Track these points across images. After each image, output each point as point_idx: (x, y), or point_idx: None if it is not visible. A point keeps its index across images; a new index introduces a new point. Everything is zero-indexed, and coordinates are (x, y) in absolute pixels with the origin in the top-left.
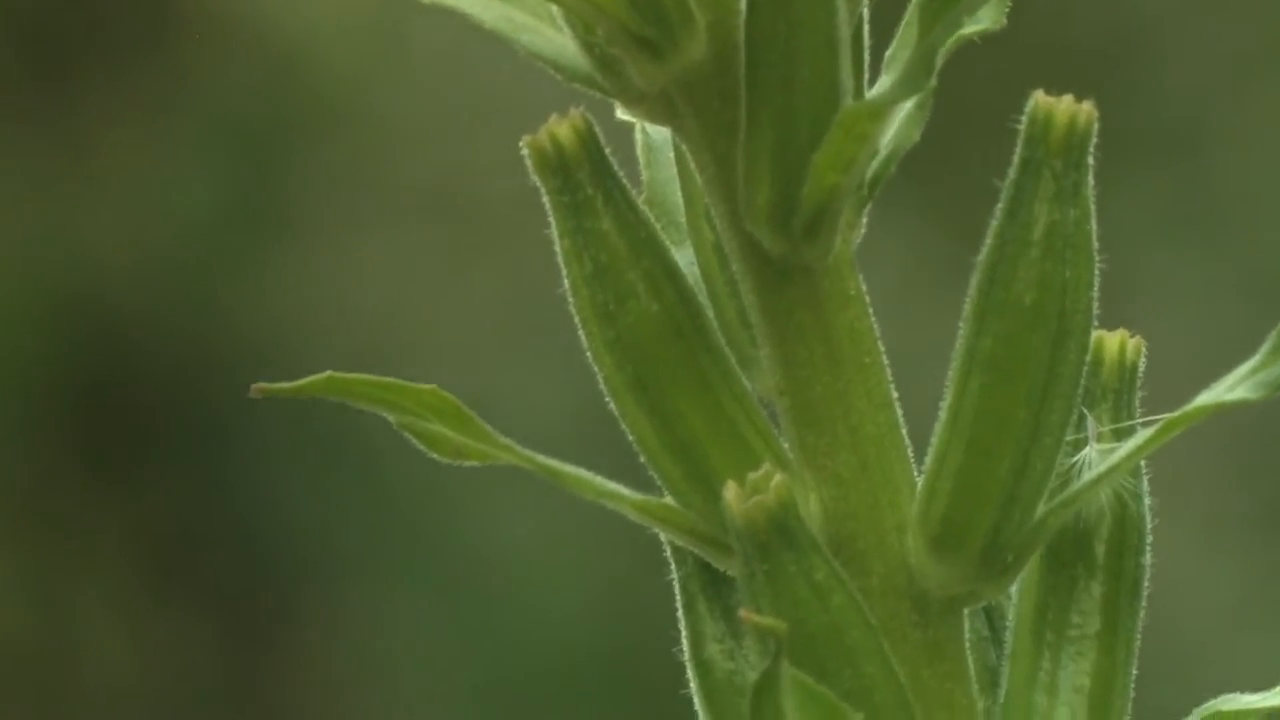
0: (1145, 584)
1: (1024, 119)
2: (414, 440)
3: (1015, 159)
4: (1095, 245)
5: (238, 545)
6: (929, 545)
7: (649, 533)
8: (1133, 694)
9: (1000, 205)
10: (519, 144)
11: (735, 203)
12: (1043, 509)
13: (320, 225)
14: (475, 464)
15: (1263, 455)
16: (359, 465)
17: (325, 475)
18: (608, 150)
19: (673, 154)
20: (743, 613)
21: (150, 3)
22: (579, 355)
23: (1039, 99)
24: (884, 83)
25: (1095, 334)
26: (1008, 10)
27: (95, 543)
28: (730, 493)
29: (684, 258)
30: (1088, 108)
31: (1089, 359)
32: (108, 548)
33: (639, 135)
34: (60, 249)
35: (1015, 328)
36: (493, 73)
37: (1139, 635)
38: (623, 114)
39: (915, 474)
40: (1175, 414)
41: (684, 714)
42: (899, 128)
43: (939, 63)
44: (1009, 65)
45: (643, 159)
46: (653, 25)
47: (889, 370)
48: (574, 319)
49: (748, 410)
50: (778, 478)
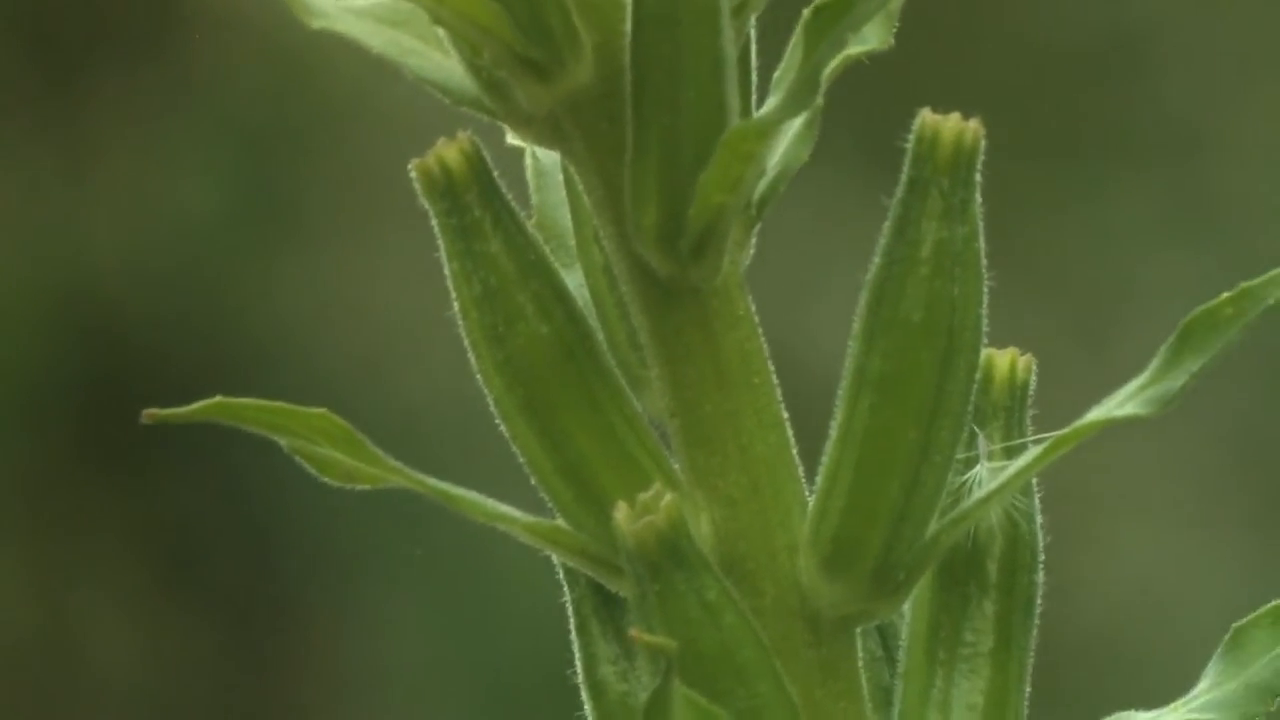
0: (1038, 601)
1: (911, 138)
2: (305, 465)
3: (902, 177)
4: (984, 263)
5: (242, 544)
6: (821, 564)
7: None
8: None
9: (888, 223)
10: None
11: (623, 224)
12: (934, 527)
13: (325, 226)
14: (367, 487)
15: (1258, 454)
16: None
17: None
18: (496, 174)
19: (562, 177)
20: (633, 631)
21: (154, 4)
22: None
23: (925, 117)
24: (770, 103)
25: (985, 352)
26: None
27: (99, 542)
28: (620, 513)
29: (573, 280)
30: (974, 125)
31: (979, 377)
32: (112, 547)
33: (528, 159)
34: (65, 249)
35: (904, 346)
36: None
37: (1032, 652)
38: (512, 138)
39: (807, 494)
40: (1063, 431)
41: None
42: (788, 147)
43: (824, 82)
44: (1010, 68)
45: (532, 182)
46: (539, 47)
47: (779, 390)
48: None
49: (638, 431)
50: (668, 498)
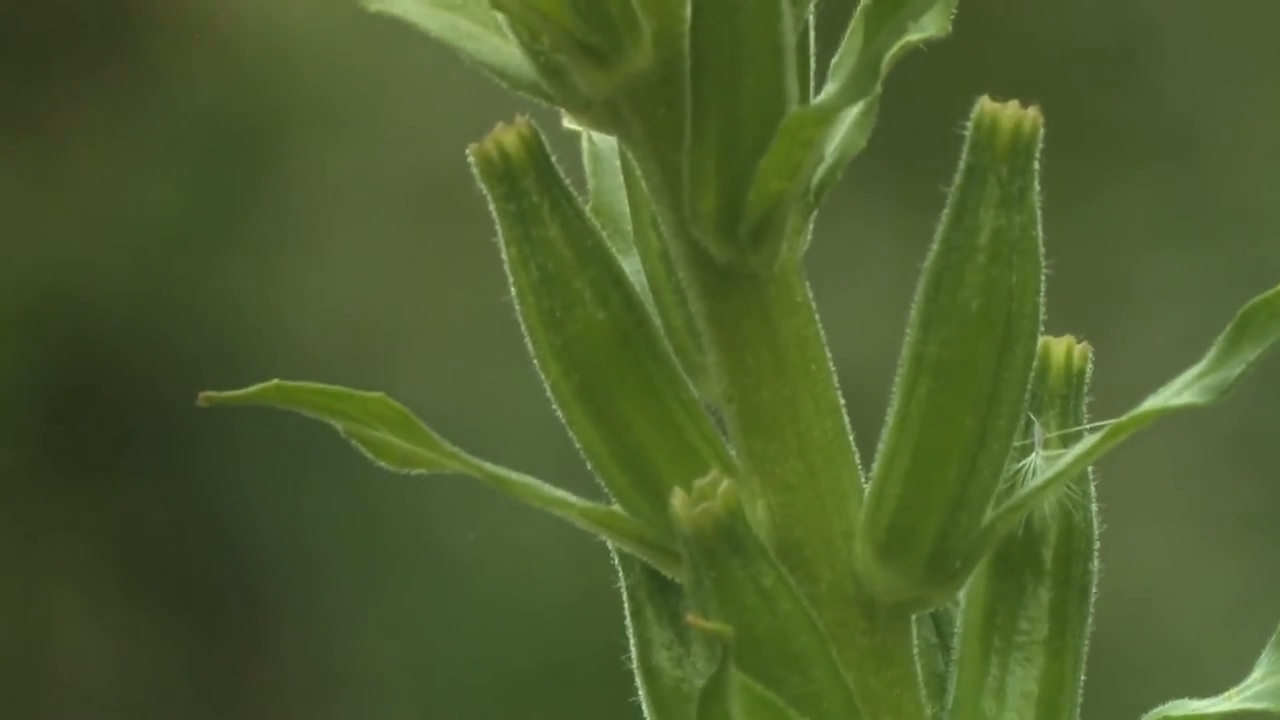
0: (1093, 590)
1: (969, 125)
2: (361, 448)
3: (961, 165)
4: (1042, 251)
5: (212, 547)
6: (876, 551)
7: None
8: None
9: (946, 211)
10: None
11: (681, 210)
12: (990, 515)
13: (290, 230)
14: (423, 472)
15: (1261, 456)
16: (333, 467)
17: (299, 477)
18: (554, 158)
19: (619, 162)
20: (689, 617)
21: (118, 10)
22: None
23: (984, 105)
24: (829, 89)
25: (1042, 340)
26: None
27: (69, 547)
28: (677, 499)
29: (630, 265)
30: (1033, 113)
31: (1036, 365)
32: (82, 552)
33: (585, 144)
34: (31, 253)
35: (961, 334)
36: (470, 72)
37: (1088, 640)
38: (569, 123)
39: (863, 480)
40: (1121, 419)
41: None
42: (845, 134)
43: (885, 69)
44: (1010, 68)
45: (589, 167)
46: (598, 32)
47: (843, 375)
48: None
49: (695, 417)
50: (725, 484)
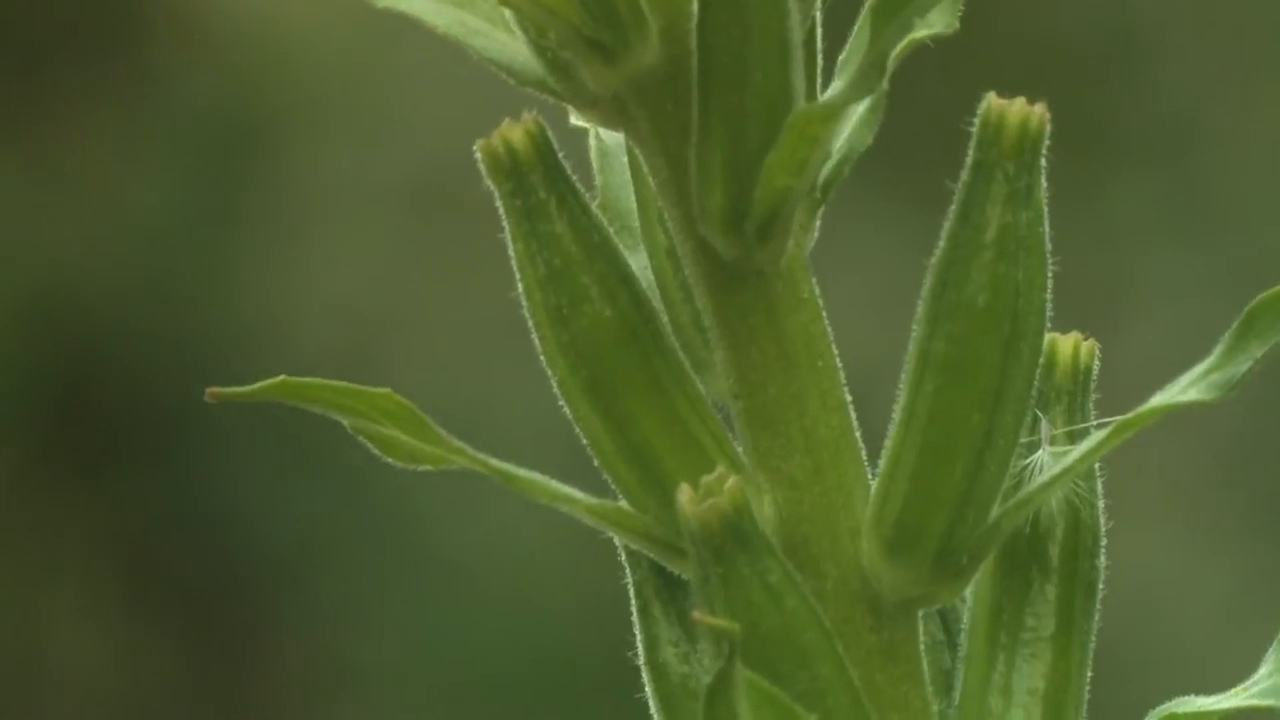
0: (1100, 586)
1: (976, 121)
2: (368, 445)
3: (968, 161)
4: (1048, 247)
5: (210, 547)
6: (883, 548)
7: None
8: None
9: (953, 208)
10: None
11: (688, 206)
12: (997, 511)
13: (288, 229)
14: (429, 468)
15: (1253, 454)
16: (331, 467)
17: (299, 477)
18: (561, 154)
19: (626, 158)
20: (696, 614)
21: (117, 8)
22: None
23: (991, 101)
24: (836, 86)
25: (1049, 336)
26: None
27: (67, 547)
28: (684, 496)
29: (637, 262)
30: (1040, 110)
31: (1042, 361)
32: (80, 552)
33: (592, 140)
34: (28, 252)
35: (968, 330)
36: (469, 68)
37: (1094, 637)
38: (576, 119)
39: (870, 477)
40: (1128, 416)
41: (645, 717)
42: (852, 131)
43: (891, 65)
44: (1008, 66)
45: (596, 164)
46: (605, 28)
47: (847, 373)
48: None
49: (701, 414)
50: (731, 480)
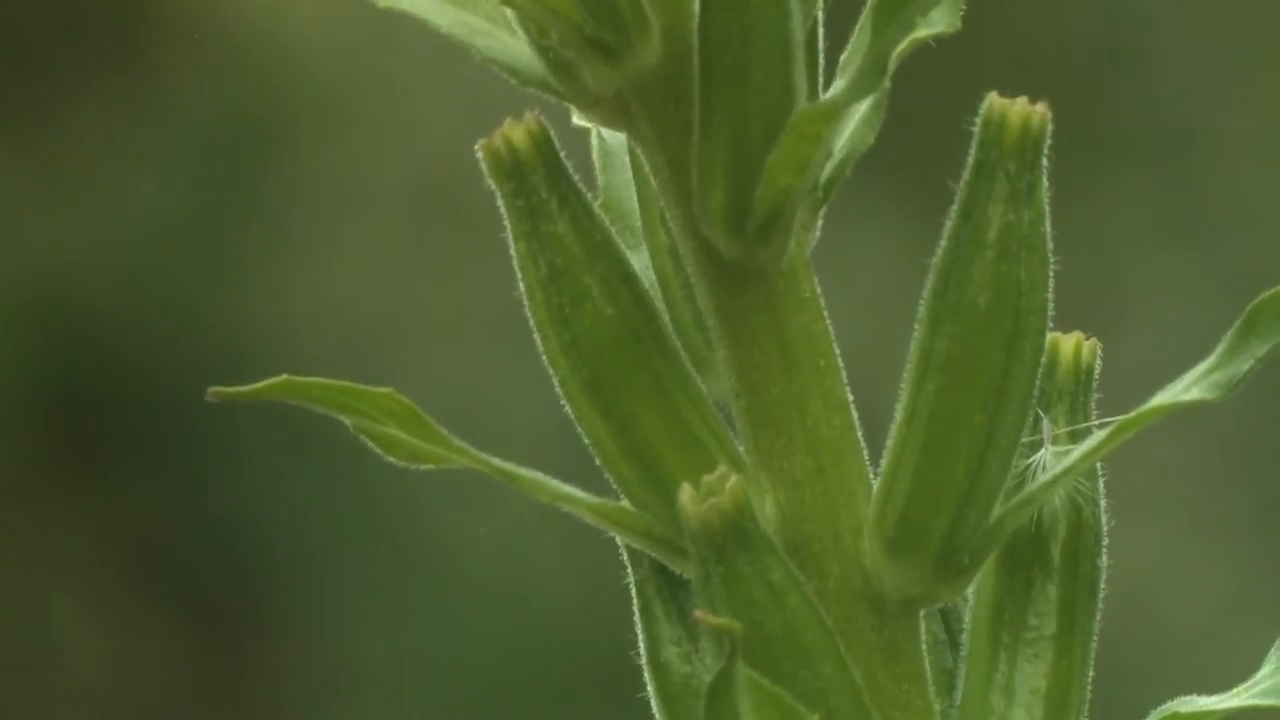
0: (1102, 586)
1: (978, 121)
2: (369, 444)
3: (969, 161)
4: (1050, 247)
5: (213, 547)
6: (885, 547)
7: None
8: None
9: (955, 207)
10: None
11: (690, 206)
12: (999, 511)
13: (292, 230)
14: (431, 467)
15: (1254, 453)
16: (334, 467)
17: (301, 476)
18: (563, 154)
19: (628, 158)
20: (697, 613)
21: (122, 8)
22: None
23: (993, 100)
24: (838, 85)
25: (1050, 336)
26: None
27: (70, 546)
28: (685, 495)
29: (639, 261)
30: (1041, 109)
31: (1044, 361)
32: (82, 551)
33: (595, 140)
34: (33, 253)
35: (970, 330)
36: (475, 70)
37: (1096, 637)
38: (578, 119)
39: (872, 476)
40: (1129, 415)
41: (647, 716)
42: (854, 130)
43: (893, 65)
44: (1004, 67)
45: (598, 163)
46: (607, 28)
47: (847, 372)
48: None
49: (703, 413)
50: (733, 480)
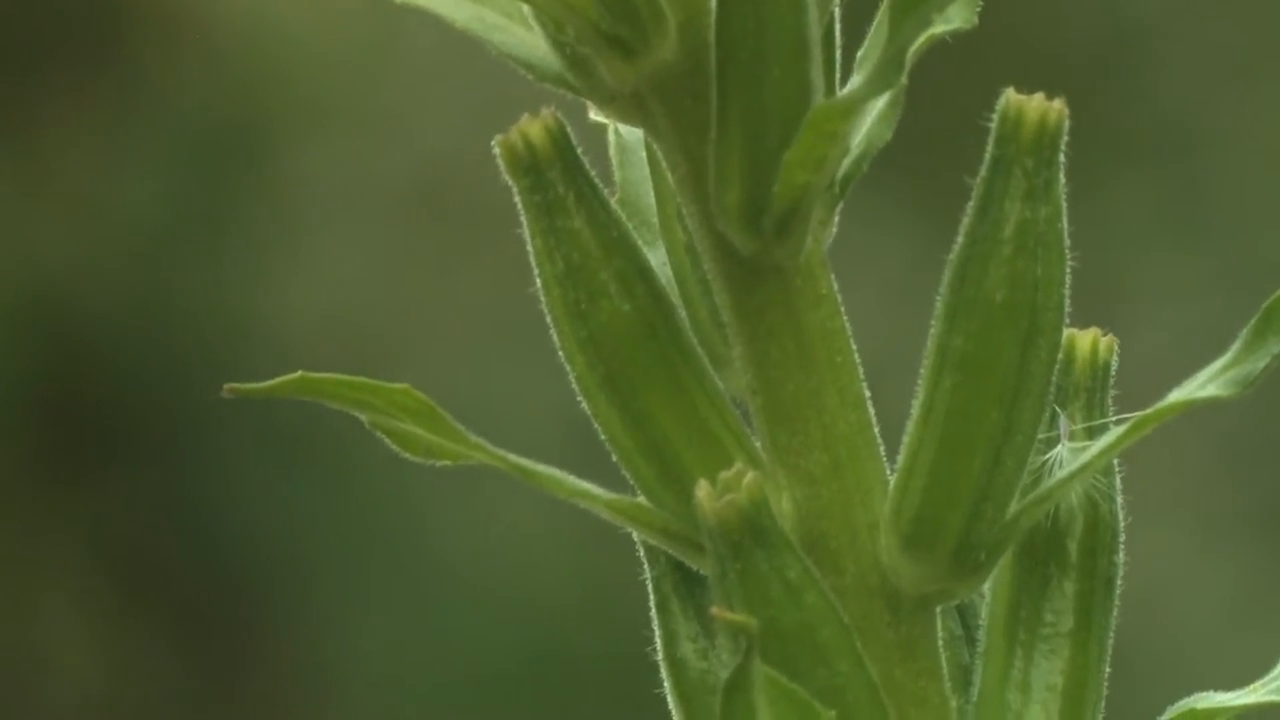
0: (1119, 582)
1: (995, 117)
2: (386, 440)
3: (986, 157)
4: (1067, 243)
5: (203, 550)
6: (901, 544)
7: (620, 533)
8: (1107, 692)
9: (971, 203)
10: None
11: (707, 202)
12: (1015, 507)
13: (283, 229)
14: (448, 463)
15: (1255, 455)
16: (323, 469)
17: (292, 479)
18: (580, 150)
19: (645, 154)
20: (714, 610)
21: (108, 9)
22: None
23: (1010, 97)
24: (855, 81)
25: (1067, 332)
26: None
27: (59, 549)
28: (702, 491)
29: (656, 257)
30: (1058, 105)
31: (1061, 357)
32: (72, 555)
33: (611, 136)
34: (20, 254)
35: (986, 326)
36: (467, 70)
37: (1112, 633)
38: (596, 115)
39: (888, 473)
40: (1147, 411)
41: (660, 714)
42: (871, 127)
43: (910, 61)
44: (1006, 67)
45: (615, 159)
46: (624, 24)
47: (861, 369)
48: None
49: (720, 409)
50: (750, 476)
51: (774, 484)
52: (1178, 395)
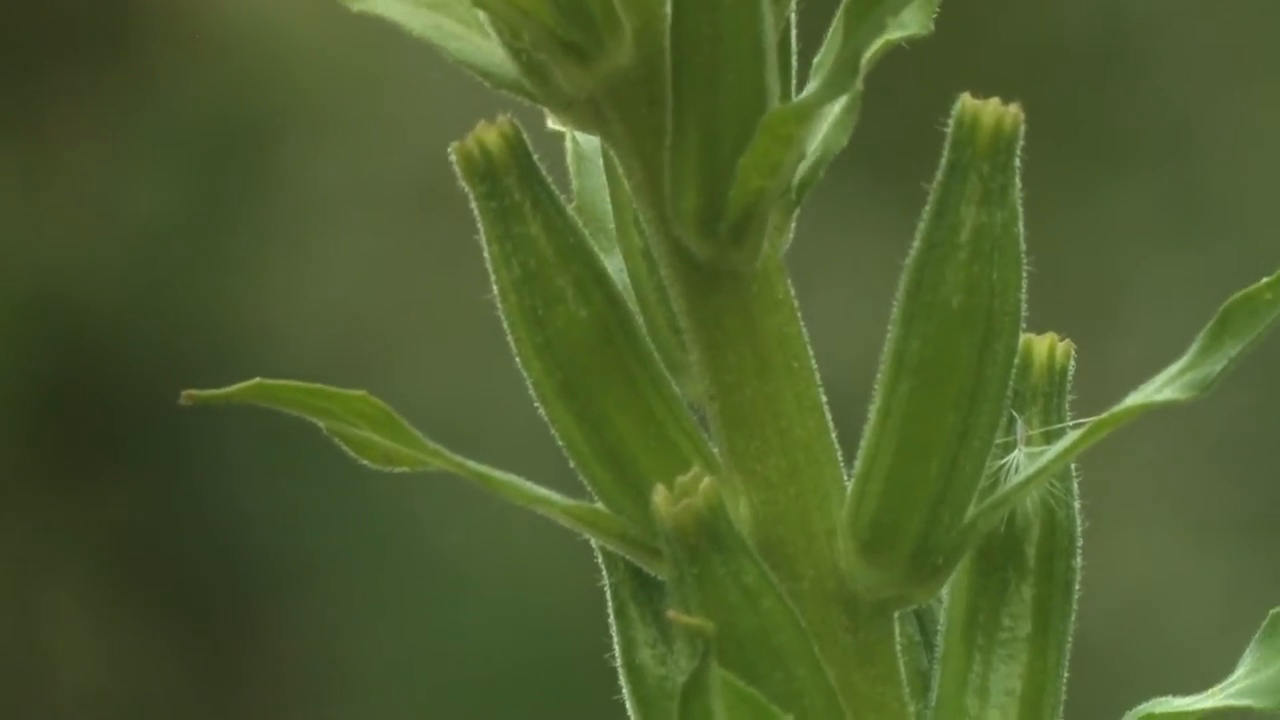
0: (1076, 587)
1: (950, 122)
2: (343, 446)
3: (942, 162)
4: (1023, 248)
5: (206, 547)
6: (859, 549)
7: None
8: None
9: (927, 208)
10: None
11: (663, 208)
12: (972, 512)
13: (287, 228)
14: (407, 470)
15: (1251, 458)
16: (327, 467)
17: (294, 476)
18: (537, 157)
19: (602, 161)
20: (671, 614)
21: (113, 9)
22: None
23: (965, 101)
24: (810, 86)
25: (1025, 337)
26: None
27: (63, 547)
28: (659, 496)
29: (613, 263)
30: (1014, 110)
31: (1018, 362)
32: (75, 552)
33: (569, 143)
34: (24, 253)
35: (943, 331)
36: (462, 72)
37: (1070, 638)
38: (553, 123)
39: (845, 478)
40: (1102, 416)
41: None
42: (827, 132)
43: (865, 67)
44: (1005, 66)
45: (572, 167)
46: (579, 30)
47: (818, 374)
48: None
49: (677, 415)
50: (707, 481)
51: (731, 489)
52: (1135, 399)
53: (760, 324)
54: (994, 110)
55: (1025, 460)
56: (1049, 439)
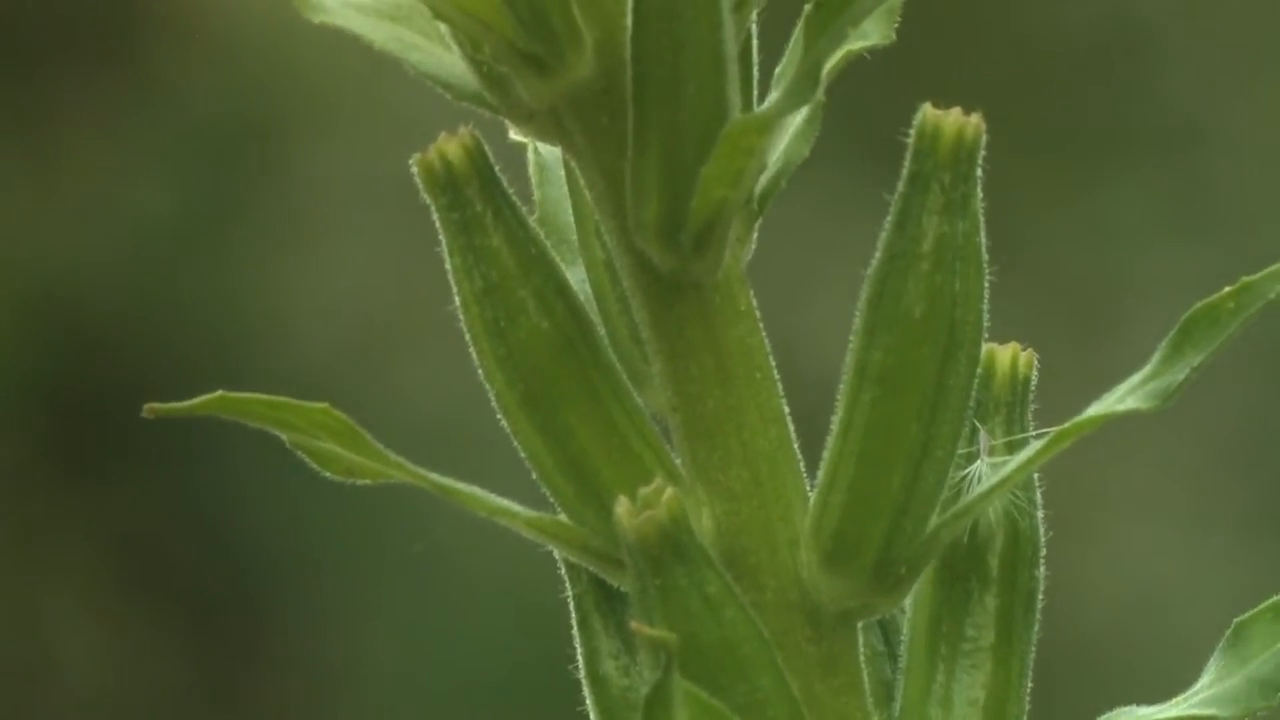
0: (1039, 596)
1: (912, 132)
2: (306, 459)
3: (904, 172)
4: (985, 257)
5: (209, 547)
6: (822, 559)
7: None
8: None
9: (889, 218)
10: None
11: (624, 219)
12: (935, 522)
13: (285, 229)
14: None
15: (1251, 457)
16: None
17: (297, 477)
18: (499, 169)
19: (564, 172)
20: (633, 625)
21: (117, 7)
22: None
23: (926, 112)
24: (771, 97)
25: (987, 347)
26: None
27: (66, 547)
28: (622, 507)
29: (575, 275)
30: (976, 120)
31: (980, 372)
32: (79, 552)
33: (531, 154)
34: (29, 252)
35: (905, 341)
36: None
37: (1033, 647)
38: (515, 135)
39: (808, 488)
40: (1064, 426)
41: None
42: (789, 143)
43: (826, 77)
44: (1010, 64)
45: (535, 178)
46: (540, 42)
47: (779, 384)
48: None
49: (639, 426)
50: (669, 492)
51: (694, 500)
52: (1096, 408)
53: (722, 335)
54: (955, 120)
55: (988, 470)
56: (1012, 449)
